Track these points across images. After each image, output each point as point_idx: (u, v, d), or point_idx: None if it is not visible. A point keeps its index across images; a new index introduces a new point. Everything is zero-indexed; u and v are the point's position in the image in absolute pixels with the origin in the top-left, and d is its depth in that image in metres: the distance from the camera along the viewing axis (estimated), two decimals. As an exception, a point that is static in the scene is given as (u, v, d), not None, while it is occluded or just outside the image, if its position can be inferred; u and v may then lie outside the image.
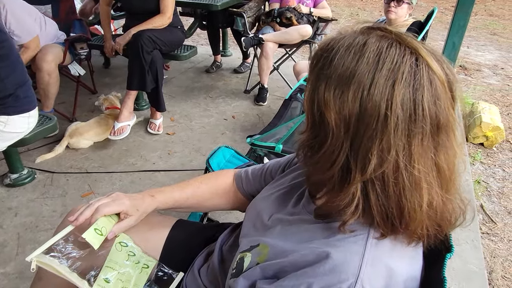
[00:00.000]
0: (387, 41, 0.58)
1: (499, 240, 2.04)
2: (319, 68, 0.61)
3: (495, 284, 1.78)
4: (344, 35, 0.61)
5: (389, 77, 0.54)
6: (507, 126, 3.16)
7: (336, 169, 0.59)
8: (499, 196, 2.38)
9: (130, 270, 0.85)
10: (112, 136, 2.50)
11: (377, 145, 0.55)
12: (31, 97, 1.94)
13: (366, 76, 0.55)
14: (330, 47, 0.60)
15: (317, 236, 0.64)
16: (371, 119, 0.55)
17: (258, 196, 0.93)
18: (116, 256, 0.84)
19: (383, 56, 0.56)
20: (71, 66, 2.91)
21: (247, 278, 0.68)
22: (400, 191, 0.57)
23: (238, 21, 3.35)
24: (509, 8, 7.49)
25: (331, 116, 0.57)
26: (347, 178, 0.58)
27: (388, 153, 0.55)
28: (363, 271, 0.56)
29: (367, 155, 0.56)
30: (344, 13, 6.87)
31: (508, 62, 4.71)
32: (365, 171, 0.56)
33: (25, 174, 2.21)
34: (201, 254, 1.00)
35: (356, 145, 0.57)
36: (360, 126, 0.56)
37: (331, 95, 0.58)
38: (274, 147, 1.70)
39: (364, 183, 0.57)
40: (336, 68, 0.58)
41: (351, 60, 0.57)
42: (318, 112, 0.59)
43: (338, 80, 0.57)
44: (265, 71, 3.15)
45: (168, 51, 2.74)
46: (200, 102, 3.25)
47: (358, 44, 0.58)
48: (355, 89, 0.56)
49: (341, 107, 0.57)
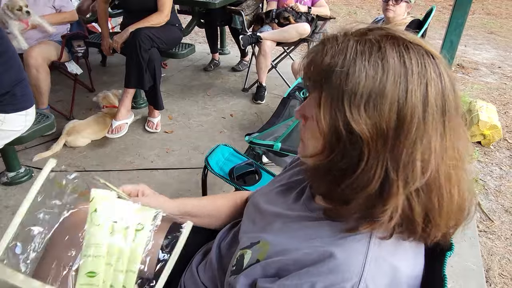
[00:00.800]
0: (398, 42, 0.56)
1: (496, 238, 2.05)
2: (335, 86, 0.55)
3: (492, 281, 1.79)
4: (339, 43, 0.57)
5: (421, 81, 0.54)
6: (504, 124, 3.17)
7: (377, 185, 0.56)
8: (496, 195, 2.39)
9: (119, 243, 0.63)
10: (110, 134, 2.49)
11: (419, 149, 0.54)
12: (28, 95, 1.93)
13: (398, 84, 0.54)
14: (336, 60, 0.55)
15: (320, 235, 0.64)
16: (410, 125, 0.53)
17: (258, 192, 0.93)
18: (96, 234, 0.62)
19: (407, 60, 0.55)
20: (68, 63, 2.89)
21: (247, 276, 0.68)
22: (442, 191, 0.56)
23: (236, 19, 3.34)
24: (506, 7, 7.52)
25: (366, 133, 0.54)
26: (386, 191, 0.56)
27: (430, 154, 0.54)
28: (366, 270, 0.56)
29: (410, 161, 0.54)
30: (342, 12, 6.87)
31: (505, 61, 4.73)
32: (409, 179, 0.55)
33: (22, 173, 2.20)
34: (200, 252, 1.00)
35: (397, 155, 0.54)
36: (400, 135, 0.54)
37: (362, 112, 0.54)
38: (273, 145, 1.70)
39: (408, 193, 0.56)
40: (358, 82, 0.54)
41: (375, 69, 0.54)
42: (347, 132, 0.55)
43: (366, 95, 0.54)
44: (263, 69, 3.15)
45: (166, 49, 2.73)
46: (198, 100, 3.25)
47: (371, 50, 0.55)
48: (390, 101, 0.53)
49: (376, 122, 0.54)
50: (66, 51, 2.79)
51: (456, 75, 4.21)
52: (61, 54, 2.77)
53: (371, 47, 0.55)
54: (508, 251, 1.97)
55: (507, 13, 7.10)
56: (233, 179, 1.30)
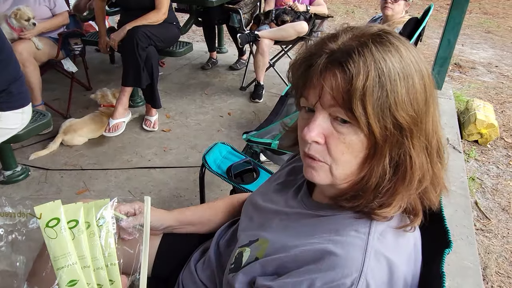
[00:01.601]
0: (393, 35, 0.60)
1: (493, 236, 2.06)
2: (378, 95, 0.56)
3: (489, 280, 1.80)
4: (363, 54, 0.56)
5: (422, 58, 0.61)
6: (501, 123, 3.18)
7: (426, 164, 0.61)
8: (493, 193, 2.40)
9: (86, 244, 0.62)
10: (107, 133, 2.48)
11: (435, 118, 0.61)
12: (24, 93, 1.92)
13: (417, 70, 0.59)
14: (372, 71, 0.55)
15: (318, 231, 0.64)
16: (431, 100, 0.60)
17: (256, 191, 0.92)
18: (57, 246, 0.60)
19: (408, 47, 0.60)
20: (64, 61, 2.88)
21: (246, 274, 0.67)
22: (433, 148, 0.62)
23: (234, 18, 3.34)
24: (503, 7, 7.54)
25: (409, 121, 0.58)
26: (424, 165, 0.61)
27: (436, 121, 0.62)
28: (366, 265, 0.56)
29: (434, 132, 0.61)
30: (340, 11, 6.87)
31: (502, 60, 4.75)
32: (432, 149, 0.61)
33: (18, 171, 2.19)
34: (198, 250, 0.99)
35: (427, 130, 0.60)
36: (427, 111, 0.60)
37: (406, 106, 0.57)
38: (270, 144, 1.69)
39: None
40: (395, 80, 0.56)
41: (401, 65, 0.57)
42: (396, 129, 0.57)
43: (406, 91, 0.57)
44: (261, 68, 3.15)
45: (163, 47, 2.72)
46: (196, 99, 3.24)
47: (390, 48, 0.57)
48: (419, 89, 0.58)
49: (415, 109, 0.58)
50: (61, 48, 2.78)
51: (453, 74, 4.23)
52: (57, 52, 2.76)
53: (387, 45, 0.58)
54: (505, 249, 1.98)
55: (504, 13, 7.12)
56: (231, 177, 1.29)
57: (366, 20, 3.33)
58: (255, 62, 3.16)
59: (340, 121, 0.58)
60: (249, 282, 0.67)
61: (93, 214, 0.65)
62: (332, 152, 0.60)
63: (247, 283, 0.67)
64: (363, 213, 0.62)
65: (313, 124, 0.59)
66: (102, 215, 0.65)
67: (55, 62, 2.83)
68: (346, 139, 0.59)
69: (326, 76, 0.57)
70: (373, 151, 0.59)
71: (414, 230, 0.64)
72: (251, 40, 3.09)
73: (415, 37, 2.38)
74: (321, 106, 0.59)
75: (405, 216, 0.64)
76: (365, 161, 0.60)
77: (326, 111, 0.59)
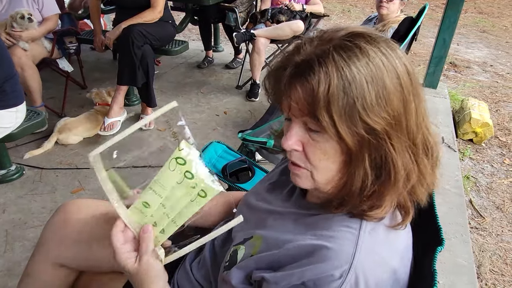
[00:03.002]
0: (365, 37, 0.59)
1: (487, 234, 2.08)
2: (343, 101, 0.56)
3: (483, 277, 1.81)
4: (324, 60, 0.56)
5: (399, 61, 0.59)
6: (496, 122, 3.20)
7: (410, 165, 0.60)
8: (487, 192, 2.41)
9: (180, 195, 0.68)
10: (103, 132, 2.47)
11: (419, 115, 0.61)
12: (18, 92, 1.91)
13: (390, 73, 0.57)
14: (332, 79, 0.56)
15: (311, 229, 0.64)
16: (409, 101, 0.59)
17: (250, 190, 0.93)
18: (166, 177, 0.68)
19: (382, 49, 0.58)
20: (59, 60, 2.87)
21: (241, 269, 0.68)
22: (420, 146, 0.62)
23: (230, 16, 3.33)
24: (498, 6, 7.58)
25: (385, 127, 0.57)
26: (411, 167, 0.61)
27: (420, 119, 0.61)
28: (356, 258, 0.56)
29: (419, 131, 0.60)
30: (336, 10, 6.88)
31: (497, 59, 4.77)
32: (418, 148, 0.61)
33: (13, 170, 2.18)
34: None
35: (409, 131, 0.59)
36: (407, 112, 0.59)
37: (377, 111, 0.56)
38: (266, 142, 1.69)
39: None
40: (362, 86, 0.56)
41: (368, 69, 0.56)
42: (370, 134, 0.57)
43: (375, 94, 0.56)
44: (257, 66, 3.14)
45: (159, 46, 2.71)
46: (192, 97, 3.23)
47: (355, 53, 0.57)
48: (393, 90, 0.57)
49: (390, 113, 0.57)
50: (57, 47, 2.76)
51: (448, 74, 4.25)
52: (52, 51, 2.74)
53: (353, 50, 0.57)
54: (499, 247, 1.99)
55: (499, 12, 7.16)
56: (226, 176, 1.29)
57: (362, 19, 3.33)
58: (251, 61, 3.16)
59: (312, 130, 0.60)
60: (246, 277, 0.67)
61: (204, 183, 0.68)
62: (310, 159, 0.62)
63: (244, 278, 0.67)
64: (355, 214, 0.62)
65: (290, 133, 0.62)
66: (206, 192, 0.68)
67: (50, 61, 2.81)
68: (321, 146, 0.60)
69: (291, 89, 0.59)
70: (349, 156, 0.59)
71: (405, 227, 0.65)
72: (247, 39, 3.08)
73: (410, 37, 2.39)
74: (294, 116, 0.61)
75: (396, 214, 0.65)
76: (344, 166, 0.60)
77: (300, 120, 0.61)
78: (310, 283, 0.56)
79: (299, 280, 0.57)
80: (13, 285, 1.57)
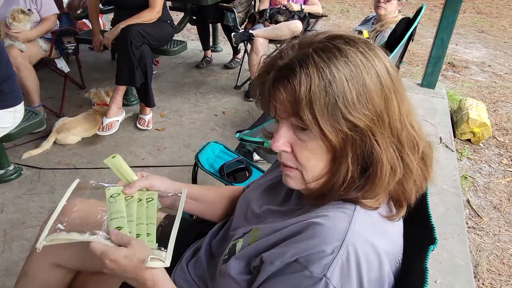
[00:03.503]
0: (344, 38, 0.61)
1: (484, 234, 2.08)
2: (325, 100, 0.57)
3: (480, 277, 1.82)
4: (305, 62, 0.59)
5: (378, 60, 0.61)
6: (494, 122, 3.21)
7: (394, 160, 0.61)
8: (485, 191, 2.42)
9: (135, 208, 0.81)
10: (101, 132, 2.48)
11: (402, 113, 0.62)
12: (16, 92, 1.91)
13: (370, 72, 0.59)
14: (313, 79, 0.57)
15: (307, 212, 0.66)
16: (391, 99, 0.61)
17: (248, 189, 0.93)
18: (115, 207, 0.80)
19: (361, 49, 0.60)
20: (58, 60, 2.87)
21: (240, 259, 0.69)
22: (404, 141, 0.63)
23: (228, 16, 3.33)
24: (497, 6, 7.59)
25: (368, 123, 0.59)
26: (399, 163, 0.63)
27: (402, 115, 0.62)
28: (349, 236, 0.57)
29: (403, 127, 0.62)
30: (334, 10, 6.88)
31: (495, 60, 4.78)
32: (403, 144, 0.62)
33: (11, 170, 2.18)
34: (190, 249, 1.00)
35: (392, 127, 0.61)
36: (388, 109, 0.60)
37: (359, 108, 0.58)
38: (263, 142, 1.70)
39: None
40: (342, 85, 0.57)
41: (348, 69, 0.58)
42: (353, 131, 0.58)
43: (355, 93, 0.58)
44: (255, 66, 3.14)
45: (157, 46, 2.71)
46: (190, 97, 3.24)
47: (334, 53, 0.59)
48: (373, 88, 0.59)
49: (371, 110, 0.59)
50: (55, 47, 2.76)
51: (447, 74, 4.26)
52: (50, 51, 2.74)
53: (332, 51, 0.59)
54: (496, 247, 2.00)
55: (497, 12, 7.17)
56: (223, 176, 1.30)
57: (361, 19, 3.33)
58: (249, 61, 3.16)
59: (300, 129, 0.62)
60: (245, 265, 0.68)
61: (145, 195, 0.85)
62: (299, 159, 0.64)
63: (243, 267, 0.68)
64: (350, 200, 0.64)
65: (278, 135, 0.64)
66: (150, 197, 0.84)
67: (48, 60, 2.82)
68: (309, 145, 0.62)
69: (275, 92, 0.61)
70: (335, 153, 0.61)
71: (399, 219, 0.67)
72: (245, 39, 3.09)
73: (407, 37, 2.39)
74: (281, 118, 0.63)
75: (391, 206, 0.67)
76: (331, 162, 0.63)
77: (287, 121, 0.63)
78: (302, 259, 0.57)
79: (292, 257, 0.58)
80: (11, 285, 1.57)
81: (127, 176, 0.87)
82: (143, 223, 0.78)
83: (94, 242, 0.71)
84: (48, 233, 0.74)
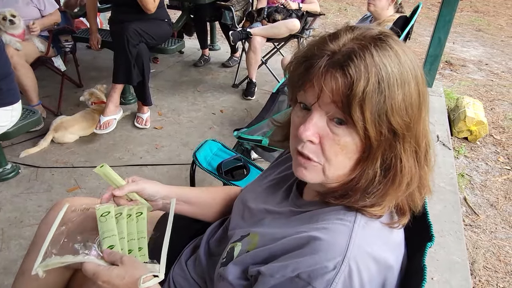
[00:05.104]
0: (392, 37, 0.60)
1: (481, 231, 2.09)
2: (378, 98, 0.56)
3: (477, 274, 1.83)
4: (353, 53, 0.56)
5: (415, 63, 0.61)
6: (491, 120, 3.22)
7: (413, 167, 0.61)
8: (482, 189, 2.43)
9: (125, 225, 0.81)
10: (98, 130, 2.47)
11: (426, 123, 0.62)
12: (14, 90, 1.91)
13: (412, 74, 0.59)
14: (373, 75, 0.56)
15: (306, 223, 0.65)
16: (424, 104, 0.61)
17: (246, 189, 0.93)
18: (106, 227, 0.81)
19: (406, 50, 0.60)
20: (55, 59, 2.86)
21: (237, 265, 0.69)
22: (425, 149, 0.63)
23: (226, 15, 3.33)
24: (494, 5, 7.61)
25: (403, 126, 0.59)
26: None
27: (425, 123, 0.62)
28: (350, 250, 0.57)
29: (424, 134, 0.62)
30: (332, 8, 6.88)
31: (492, 58, 4.80)
32: (420, 153, 0.62)
33: (8, 169, 2.17)
34: (189, 246, 1.00)
35: (417, 132, 0.61)
36: (420, 115, 0.61)
37: (402, 112, 0.58)
38: (261, 141, 1.70)
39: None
40: (394, 86, 0.56)
41: (400, 70, 0.57)
42: (390, 133, 0.58)
43: (403, 98, 0.57)
44: (253, 65, 3.15)
45: (155, 44, 2.71)
46: (188, 96, 3.23)
47: (390, 53, 0.57)
48: (416, 94, 0.59)
49: (410, 114, 0.59)
50: (52, 46, 2.75)
51: (444, 72, 4.27)
52: (48, 49, 2.73)
53: (387, 49, 0.58)
54: (493, 244, 2.01)
55: (494, 11, 7.19)
56: (221, 174, 1.30)
57: (358, 18, 3.34)
58: (247, 59, 3.16)
59: (336, 123, 0.59)
60: (243, 272, 0.68)
61: (134, 210, 0.85)
62: (326, 153, 0.60)
63: (240, 273, 0.68)
64: (352, 208, 0.63)
65: (309, 123, 0.59)
66: (139, 211, 0.85)
67: (45, 59, 2.81)
68: (341, 140, 0.59)
69: (326, 78, 0.57)
70: (367, 154, 0.59)
71: (401, 227, 0.66)
72: (243, 38, 3.09)
73: (404, 35, 2.40)
74: (318, 106, 0.59)
75: (393, 213, 0.66)
76: (358, 163, 0.61)
77: (323, 111, 0.59)
78: (304, 275, 0.56)
79: (294, 272, 0.57)
80: (9, 283, 1.56)
81: (116, 183, 0.90)
82: (134, 239, 0.80)
83: (87, 263, 0.71)
84: (42, 259, 0.74)
